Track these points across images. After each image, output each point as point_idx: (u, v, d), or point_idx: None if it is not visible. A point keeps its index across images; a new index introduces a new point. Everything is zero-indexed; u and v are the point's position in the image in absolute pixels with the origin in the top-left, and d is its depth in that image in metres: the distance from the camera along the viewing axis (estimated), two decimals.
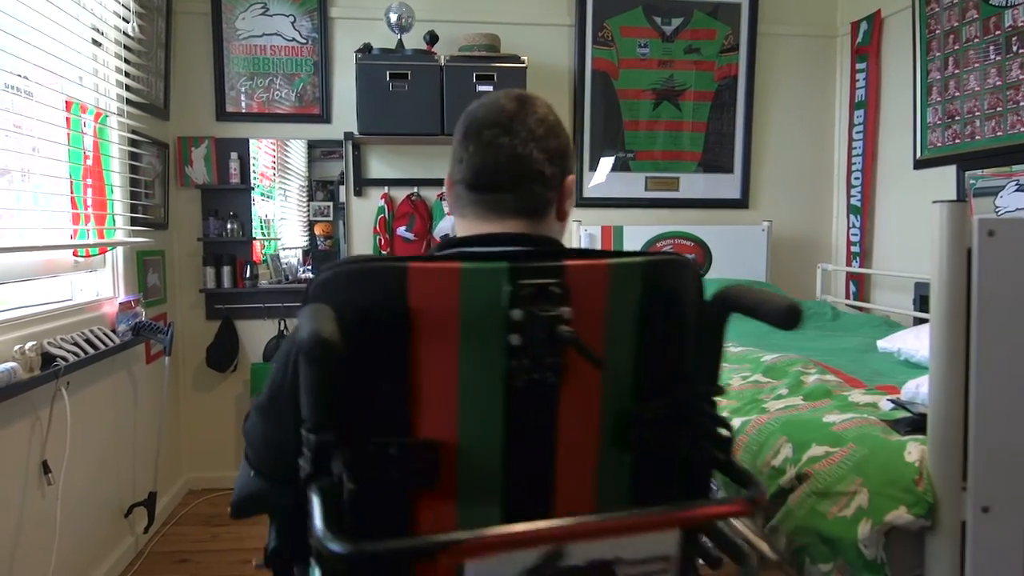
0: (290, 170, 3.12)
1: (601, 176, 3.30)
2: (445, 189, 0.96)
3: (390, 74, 2.81)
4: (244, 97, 3.05)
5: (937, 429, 1.00)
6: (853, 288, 3.29)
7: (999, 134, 2.44)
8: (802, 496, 1.14)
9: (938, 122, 2.74)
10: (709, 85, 3.31)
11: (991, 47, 2.46)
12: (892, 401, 1.32)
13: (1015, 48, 2.36)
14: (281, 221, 3.12)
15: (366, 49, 2.84)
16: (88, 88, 2.27)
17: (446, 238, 0.94)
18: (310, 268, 3.12)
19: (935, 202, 0.98)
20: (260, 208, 3.05)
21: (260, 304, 3.07)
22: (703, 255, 3.24)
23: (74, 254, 2.20)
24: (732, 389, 1.64)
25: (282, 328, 3.07)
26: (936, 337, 0.99)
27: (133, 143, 2.57)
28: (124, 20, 2.47)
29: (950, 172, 2.66)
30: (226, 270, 3.01)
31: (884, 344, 1.94)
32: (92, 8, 2.25)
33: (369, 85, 2.81)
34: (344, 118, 3.08)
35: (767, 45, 3.35)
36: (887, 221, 3.13)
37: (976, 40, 2.53)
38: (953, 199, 2.53)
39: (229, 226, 3.01)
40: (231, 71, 3.03)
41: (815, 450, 1.17)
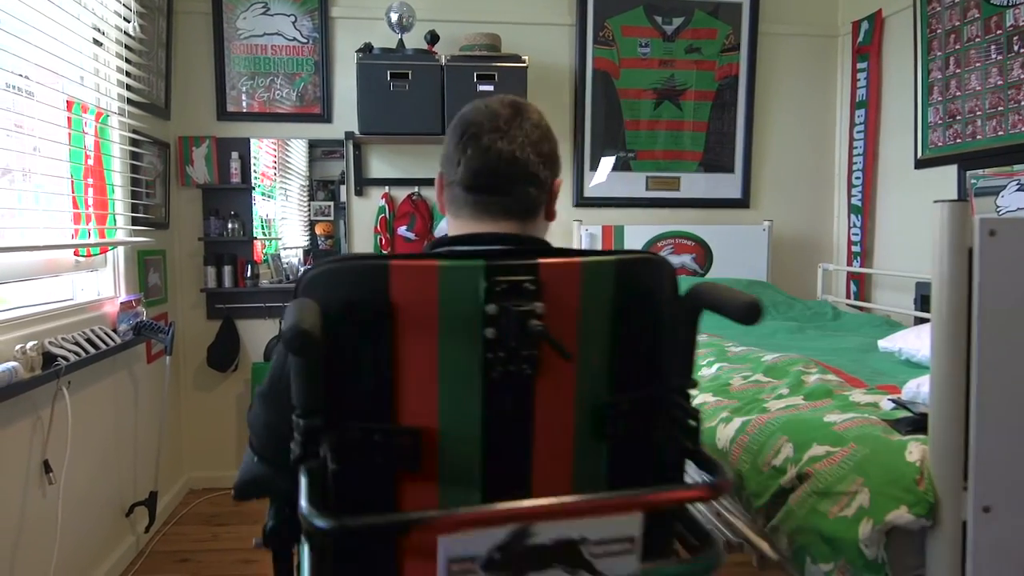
0: (291, 170, 3.12)
1: (602, 176, 3.30)
2: (436, 189, 1.00)
3: (391, 74, 2.81)
4: (245, 97, 3.05)
5: (938, 429, 1.00)
6: (854, 288, 3.29)
7: (1000, 134, 2.44)
8: (803, 496, 1.14)
9: (939, 122, 2.74)
10: (710, 85, 3.31)
11: (992, 46, 2.46)
12: (893, 401, 1.31)
13: (1016, 47, 2.36)
14: (282, 221, 3.12)
15: (367, 49, 2.84)
16: (89, 88, 2.28)
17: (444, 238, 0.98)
18: (311, 268, 3.12)
19: (936, 202, 0.98)
20: (261, 208, 3.05)
21: (261, 304, 3.07)
22: (704, 255, 3.24)
23: (75, 254, 2.20)
24: (733, 389, 1.64)
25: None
26: (937, 337, 0.99)
27: (134, 143, 2.57)
28: (125, 20, 2.47)
29: (951, 172, 2.66)
30: (227, 270, 3.01)
31: (885, 344, 1.94)
32: (93, 8, 2.26)
33: (370, 85, 2.81)
34: (345, 118, 3.08)
35: (768, 45, 3.35)
36: (888, 221, 3.13)
37: (977, 39, 2.52)
38: (954, 199, 2.52)
39: (230, 226, 3.01)
40: (232, 71, 3.04)
41: (816, 450, 1.17)
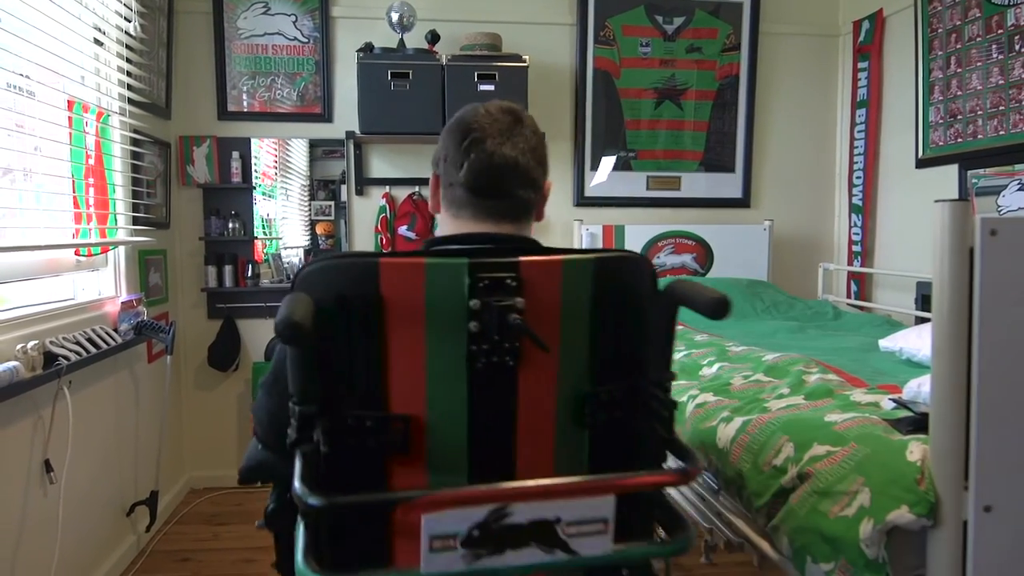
0: (292, 169, 3.12)
1: (603, 175, 3.30)
2: (431, 188, 1.05)
3: (391, 73, 2.81)
4: (246, 96, 3.05)
5: (939, 428, 1.00)
6: (855, 287, 3.29)
7: (1001, 133, 2.44)
8: (803, 495, 1.14)
9: (940, 121, 2.73)
10: (711, 84, 3.31)
11: (993, 46, 2.46)
12: (894, 400, 1.31)
13: (1017, 47, 2.36)
14: (283, 220, 3.12)
15: (367, 48, 2.84)
16: (90, 87, 2.28)
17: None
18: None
19: (937, 201, 0.98)
20: (262, 207, 3.05)
21: (262, 303, 3.07)
22: (704, 254, 3.24)
23: (76, 253, 2.20)
24: (734, 389, 1.64)
25: None
26: (938, 336, 0.99)
27: (135, 142, 2.57)
28: (126, 19, 2.47)
29: (952, 171, 2.66)
30: (228, 269, 3.01)
31: (886, 343, 1.94)
32: (94, 7, 2.26)
33: (370, 84, 2.81)
34: (346, 117, 3.08)
35: (769, 44, 3.34)
36: (889, 220, 3.13)
37: (978, 39, 2.52)
38: (955, 198, 2.52)
39: (231, 225, 3.02)
40: (233, 70, 3.04)
41: (817, 449, 1.17)
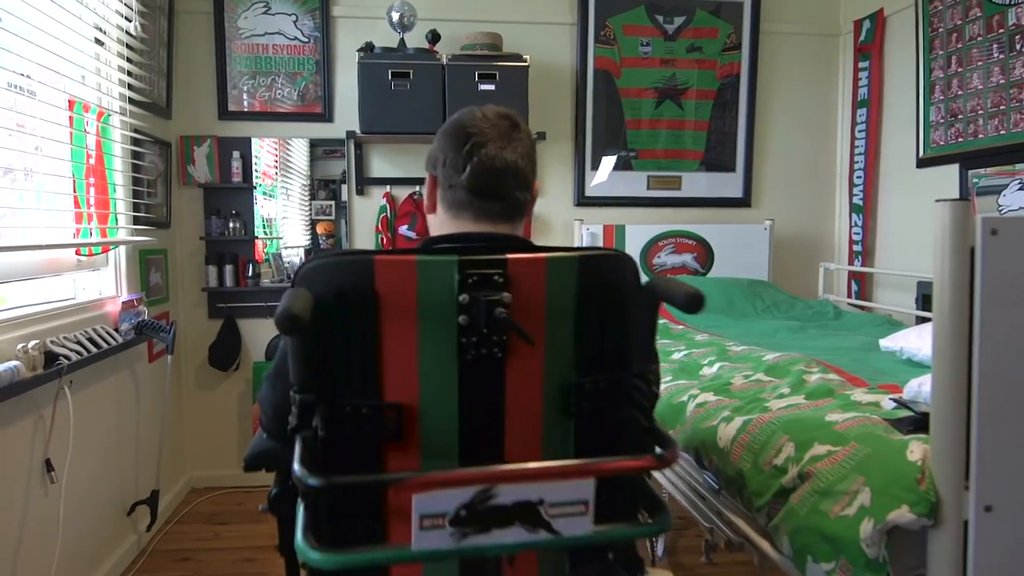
0: (292, 169, 3.12)
1: (603, 175, 3.30)
2: (427, 188, 1.08)
3: (392, 73, 2.81)
4: (246, 96, 3.05)
5: (939, 428, 1.00)
6: (855, 287, 3.29)
7: (1002, 133, 2.44)
8: (804, 495, 1.14)
9: (941, 120, 2.73)
10: (711, 84, 3.31)
11: (994, 45, 2.46)
12: (894, 400, 1.31)
13: (1018, 46, 2.36)
14: (283, 220, 3.12)
15: (368, 48, 2.84)
16: (91, 87, 2.28)
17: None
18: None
19: (938, 201, 0.98)
20: (262, 207, 3.05)
21: (262, 303, 3.08)
22: (705, 254, 3.24)
23: (77, 253, 2.20)
24: (734, 388, 1.64)
25: None
26: (938, 336, 0.99)
27: (135, 142, 2.57)
28: (126, 19, 2.47)
29: (953, 171, 2.66)
30: (228, 269, 3.01)
31: (886, 343, 1.94)
32: (95, 7, 2.26)
33: (371, 84, 2.81)
34: (346, 117, 3.08)
35: (769, 43, 3.34)
36: (889, 220, 3.13)
37: (979, 38, 2.52)
38: (956, 198, 2.52)
39: (231, 225, 3.02)
40: (233, 70, 3.04)
41: (817, 449, 1.17)
